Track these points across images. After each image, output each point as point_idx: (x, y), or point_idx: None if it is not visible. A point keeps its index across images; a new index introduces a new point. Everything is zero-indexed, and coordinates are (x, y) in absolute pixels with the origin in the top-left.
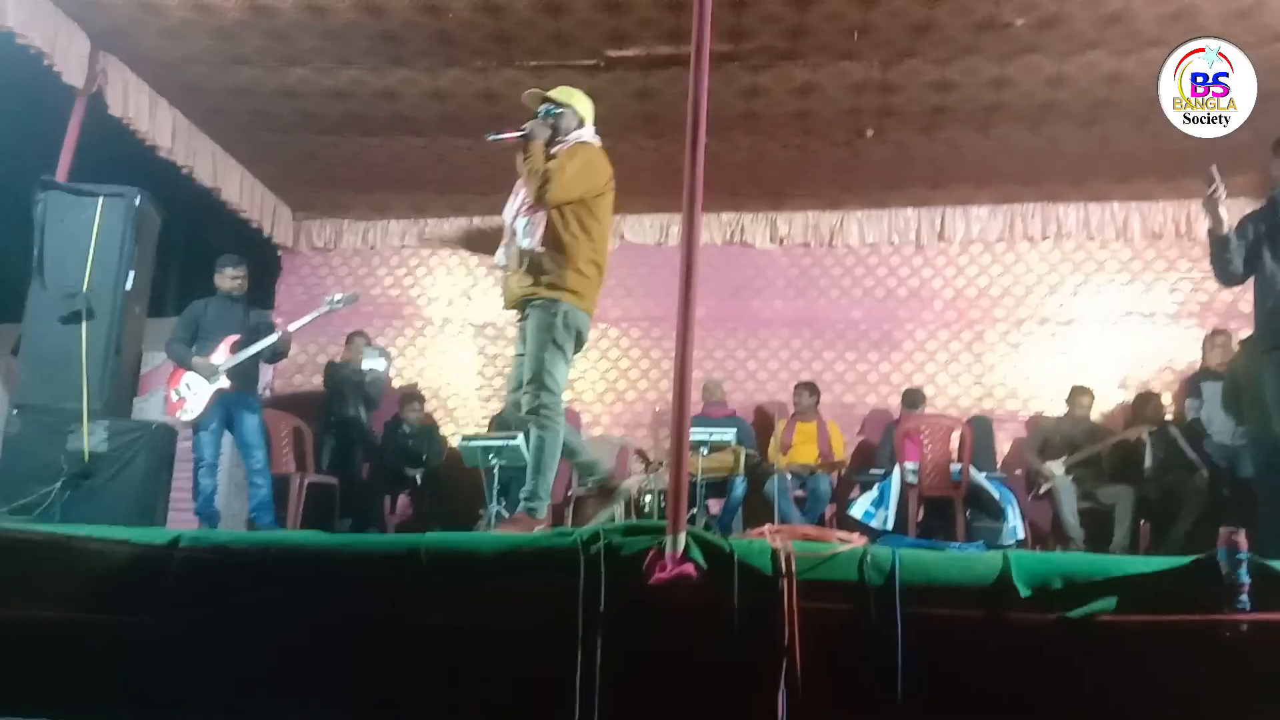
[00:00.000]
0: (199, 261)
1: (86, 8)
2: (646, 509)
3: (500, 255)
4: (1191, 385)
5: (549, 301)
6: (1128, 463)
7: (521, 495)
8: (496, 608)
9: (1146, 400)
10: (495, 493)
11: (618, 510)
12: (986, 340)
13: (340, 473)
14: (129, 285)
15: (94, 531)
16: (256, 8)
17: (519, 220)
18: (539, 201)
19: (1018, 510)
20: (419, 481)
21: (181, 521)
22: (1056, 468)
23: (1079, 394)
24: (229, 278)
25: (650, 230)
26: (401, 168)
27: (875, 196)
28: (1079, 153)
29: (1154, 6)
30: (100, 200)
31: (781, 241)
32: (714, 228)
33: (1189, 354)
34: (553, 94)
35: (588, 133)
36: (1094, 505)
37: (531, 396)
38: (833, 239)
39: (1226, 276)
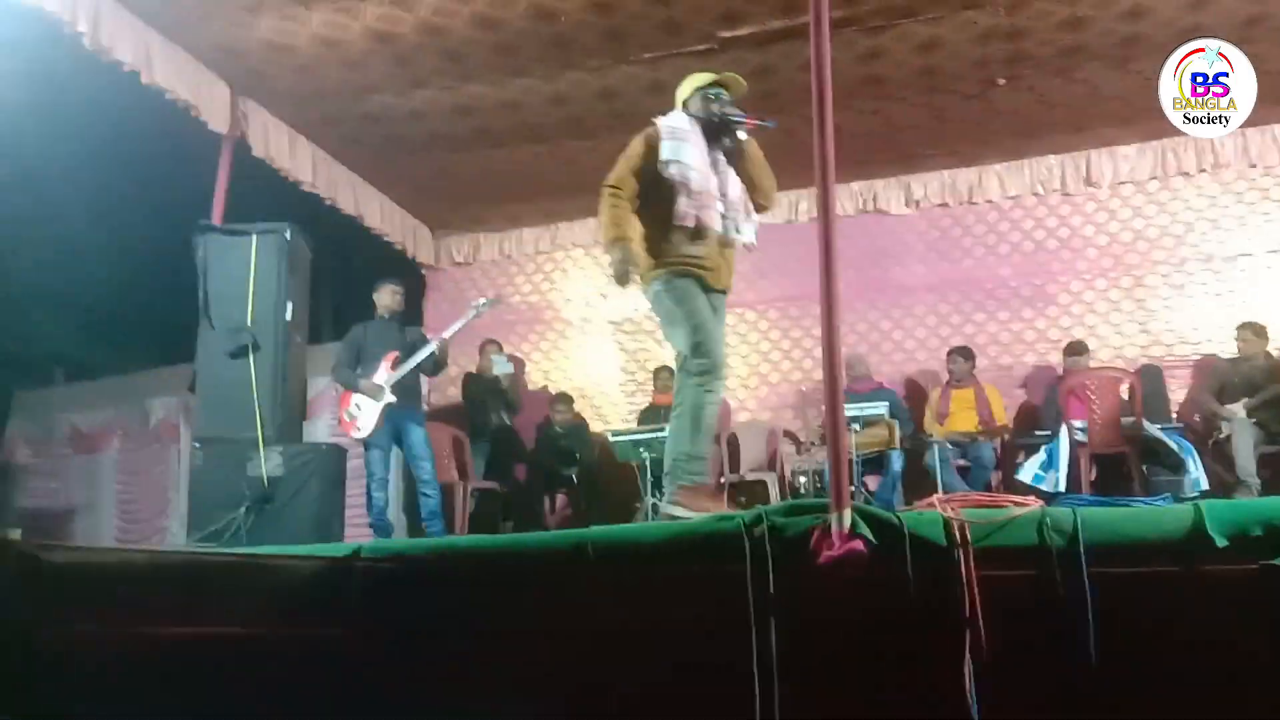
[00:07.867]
0: (349, 287)
1: (223, 55)
2: (802, 490)
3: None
4: None
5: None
6: None
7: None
8: (665, 597)
9: None
10: (649, 485)
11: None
12: (1148, 285)
13: (497, 477)
14: (289, 316)
15: (279, 550)
16: (378, 35)
17: (747, 222)
18: (767, 204)
19: (1198, 460)
20: (575, 480)
21: (357, 536)
22: (1238, 410)
23: (1247, 331)
24: (389, 294)
25: (779, 209)
26: (530, 176)
27: (1014, 147)
28: None
29: None
30: (254, 238)
31: (918, 204)
32: (845, 198)
33: None
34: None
35: None
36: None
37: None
38: (972, 196)
39: None
